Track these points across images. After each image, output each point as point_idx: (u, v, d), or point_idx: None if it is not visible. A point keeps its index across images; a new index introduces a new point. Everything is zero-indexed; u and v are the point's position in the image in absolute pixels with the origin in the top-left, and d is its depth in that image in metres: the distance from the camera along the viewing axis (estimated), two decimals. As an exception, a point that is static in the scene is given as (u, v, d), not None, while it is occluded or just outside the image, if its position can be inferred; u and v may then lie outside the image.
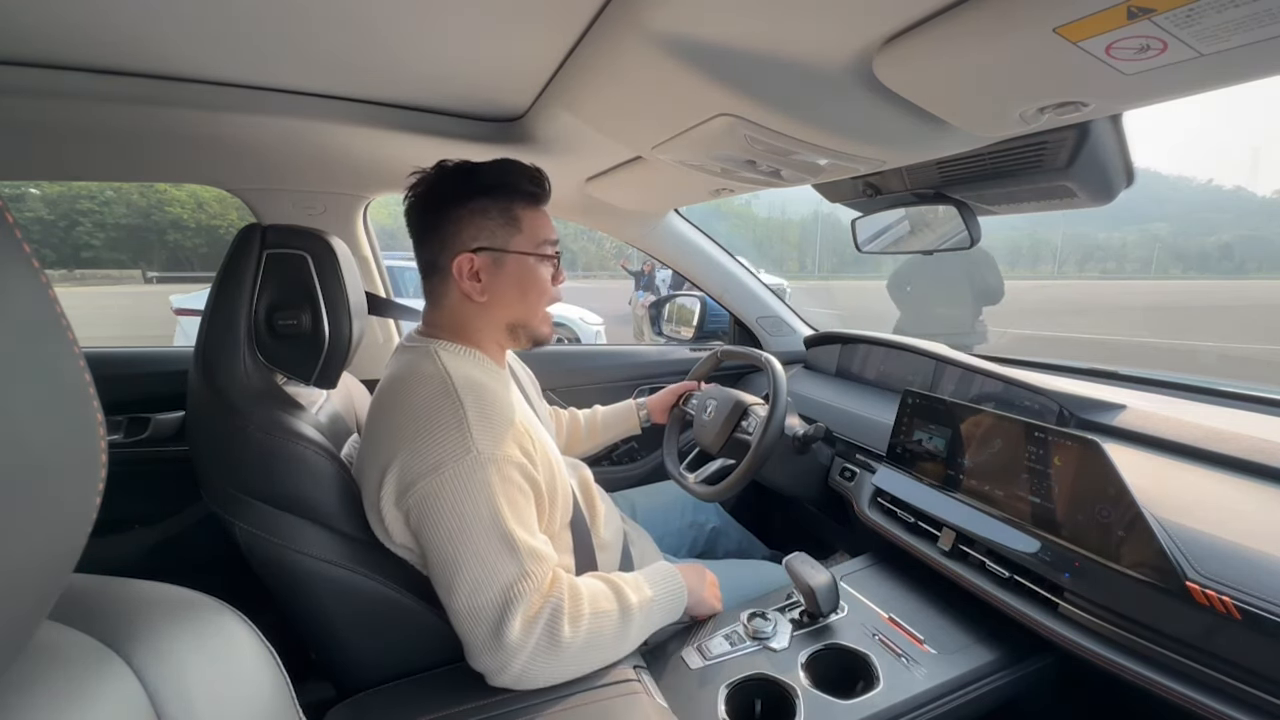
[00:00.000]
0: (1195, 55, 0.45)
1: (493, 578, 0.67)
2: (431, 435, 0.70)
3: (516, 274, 0.82)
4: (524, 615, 0.67)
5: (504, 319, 0.84)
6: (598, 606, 0.73)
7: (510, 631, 0.66)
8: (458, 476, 0.68)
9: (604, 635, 0.72)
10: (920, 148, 0.78)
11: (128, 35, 0.74)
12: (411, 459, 0.69)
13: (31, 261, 0.25)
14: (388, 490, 0.71)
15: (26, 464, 0.24)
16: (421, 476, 0.68)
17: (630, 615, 0.75)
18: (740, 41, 0.58)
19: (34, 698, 0.29)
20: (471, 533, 0.67)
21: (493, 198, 0.80)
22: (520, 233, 0.81)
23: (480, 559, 0.67)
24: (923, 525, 0.96)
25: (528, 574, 0.68)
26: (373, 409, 0.80)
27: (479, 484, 0.68)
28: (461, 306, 0.82)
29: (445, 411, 0.71)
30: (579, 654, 0.70)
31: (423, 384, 0.74)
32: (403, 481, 0.70)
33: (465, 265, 0.79)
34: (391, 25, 0.71)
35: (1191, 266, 60.87)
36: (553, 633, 0.68)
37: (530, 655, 0.67)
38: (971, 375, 1.19)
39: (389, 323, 1.54)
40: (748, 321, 1.78)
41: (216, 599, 0.42)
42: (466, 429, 0.70)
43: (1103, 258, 62.92)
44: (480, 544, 0.67)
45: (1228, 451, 0.77)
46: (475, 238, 0.79)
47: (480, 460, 0.69)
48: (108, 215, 15.03)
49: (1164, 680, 0.62)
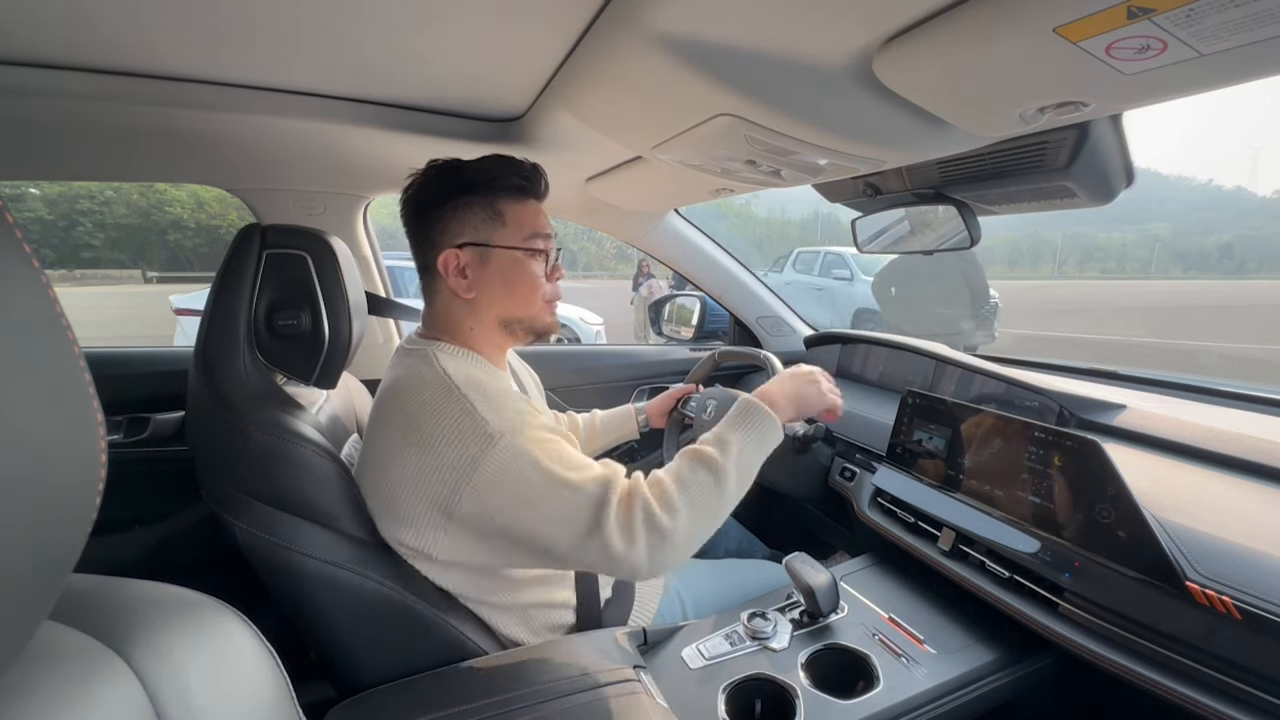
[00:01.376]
0: (1195, 55, 0.45)
1: (575, 522, 0.69)
2: (448, 438, 0.70)
3: (502, 269, 0.80)
4: (620, 532, 0.69)
5: (494, 315, 0.83)
6: (685, 484, 0.74)
7: (617, 550, 0.68)
8: (495, 464, 0.68)
9: (703, 498, 0.74)
10: (920, 148, 0.78)
11: (127, 35, 0.74)
12: (439, 471, 0.69)
13: (32, 261, 0.25)
14: (417, 504, 0.71)
15: (26, 464, 0.24)
16: (462, 482, 0.69)
17: (721, 469, 0.76)
18: (740, 41, 0.58)
19: (34, 698, 0.29)
20: (535, 501, 0.69)
21: (476, 193, 0.79)
22: (505, 226, 0.80)
23: (557, 515, 0.69)
24: (923, 525, 0.96)
25: (601, 500, 0.70)
26: (376, 415, 0.79)
27: (516, 459, 0.69)
28: (451, 305, 0.82)
29: (452, 410, 0.71)
30: (691, 527, 0.72)
31: (424, 389, 0.74)
32: (440, 493, 0.69)
33: (450, 261, 0.79)
34: (391, 25, 0.71)
35: (1192, 266, 60.86)
36: (655, 529, 0.70)
37: (648, 554, 0.69)
38: (971, 375, 1.19)
39: (389, 323, 1.54)
40: (747, 321, 1.78)
41: (216, 599, 0.42)
42: (479, 419, 0.70)
43: (1103, 257, 62.90)
44: (548, 505, 0.69)
45: (1228, 451, 0.77)
46: (460, 234, 0.79)
47: (507, 440, 0.69)
48: (108, 215, 15.01)
49: (1164, 680, 0.62)
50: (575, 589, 0.87)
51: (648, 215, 1.57)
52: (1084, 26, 0.44)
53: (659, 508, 0.71)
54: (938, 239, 1.16)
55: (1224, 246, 68.22)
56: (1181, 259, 65.23)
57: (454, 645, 0.76)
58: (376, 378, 0.87)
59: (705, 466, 0.76)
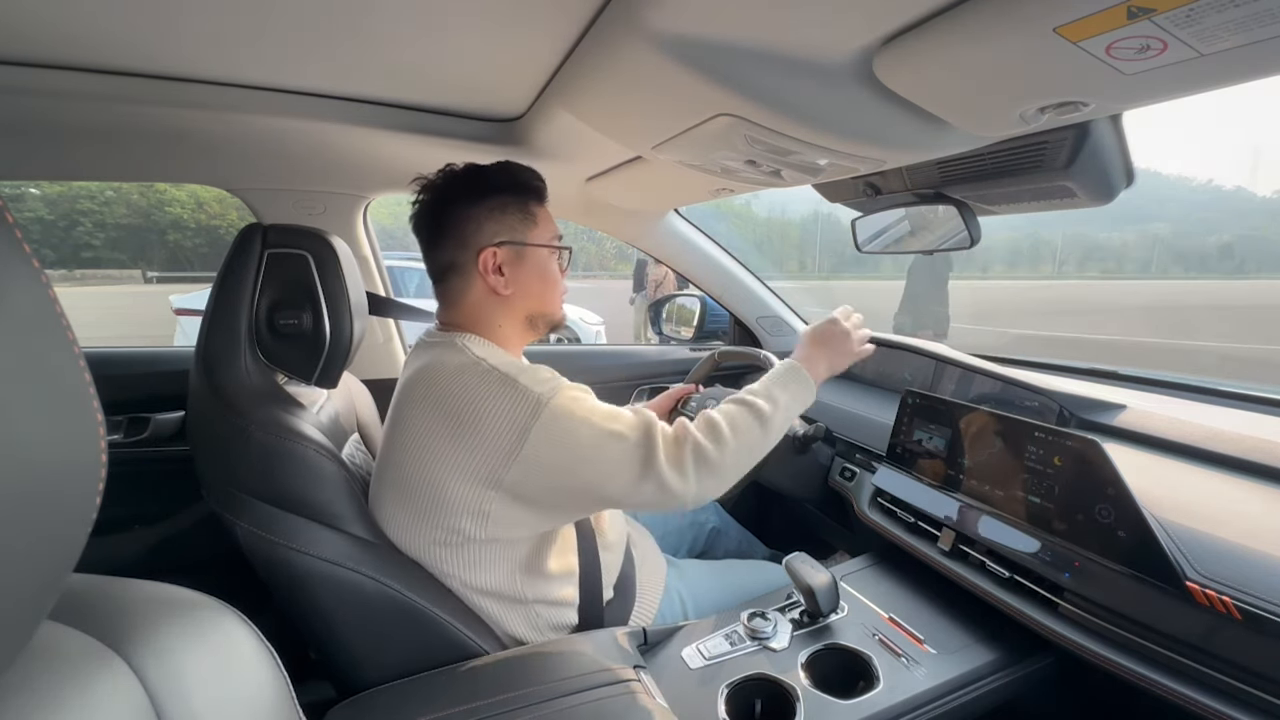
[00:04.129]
0: (1195, 55, 0.45)
1: (630, 464, 0.73)
2: (496, 414, 0.72)
3: (536, 265, 0.85)
4: (672, 468, 0.74)
5: (524, 310, 0.86)
6: (735, 423, 0.80)
7: (671, 483, 0.74)
8: (546, 429, 0.71)
9: (750, 441, 0.81)
10: (920, 148, 0.78)
11: (128, 35, 0.74)
12: (491, 451, 0.71)
13: (32, 261, 0.25)
14: (471, 490, 0.73)
15: (26, 464, 0.24)
16: (513, 453, 0.71)
17: (764, 413, 0.82)
18: (740, 41, 0.58)
19: (34, 698, 0.29)
20: (590, 456, 0.73)
21: (510, 195, 0.83)
22: (536, 226, 0.84)
23: (612, 463, 0.73)
24: (923, 525, 0.96)
25: (649, 443, 0.74)
26: (402, 409, 0.79)
27: (565, 419, 0.72)
28: (485, 301, 0.83)
29: (494, 387, 0.73)
30: (736, 460, 0.79)
31: (461, 374, 0.75)
32: (492, 470, 0.72)
33: (490, 259, 0.81)
34: (391, 25, 0.71)
35: (1192, 266, 60.84)
36: (703, 460, 0.76)
37: (698, 484, 0.76)
38: (971, 375, 1.19)
39: (389, 323, 1.54)
40: (747, 321, 1.78)
41: (216, 599, 0.42)
42: (522, 387, 0.73)
43: (1102, 257, 62.84)
44: (602, 456, 0.73)
45: (1228, 451, 0.77)
46: (497, 233, 0.82)
47: (552, 404, 0.72)
48: (108, 215, 14.97)
49: (1164, 680, 0.62)
50: (579, 587, 0.87)
51: (648, 215, 1.57)
52: (1084, 26, 0.44)
53: (707, 440, 0.77)
54: (938, 239, 1.16)
55: (1224, 246, 68.18)
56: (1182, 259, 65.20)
57: (455, 645, 0.76)
58: (377, 377, 0.88)
59: (753, 413, 0.82)
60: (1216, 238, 73.13)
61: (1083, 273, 57.35)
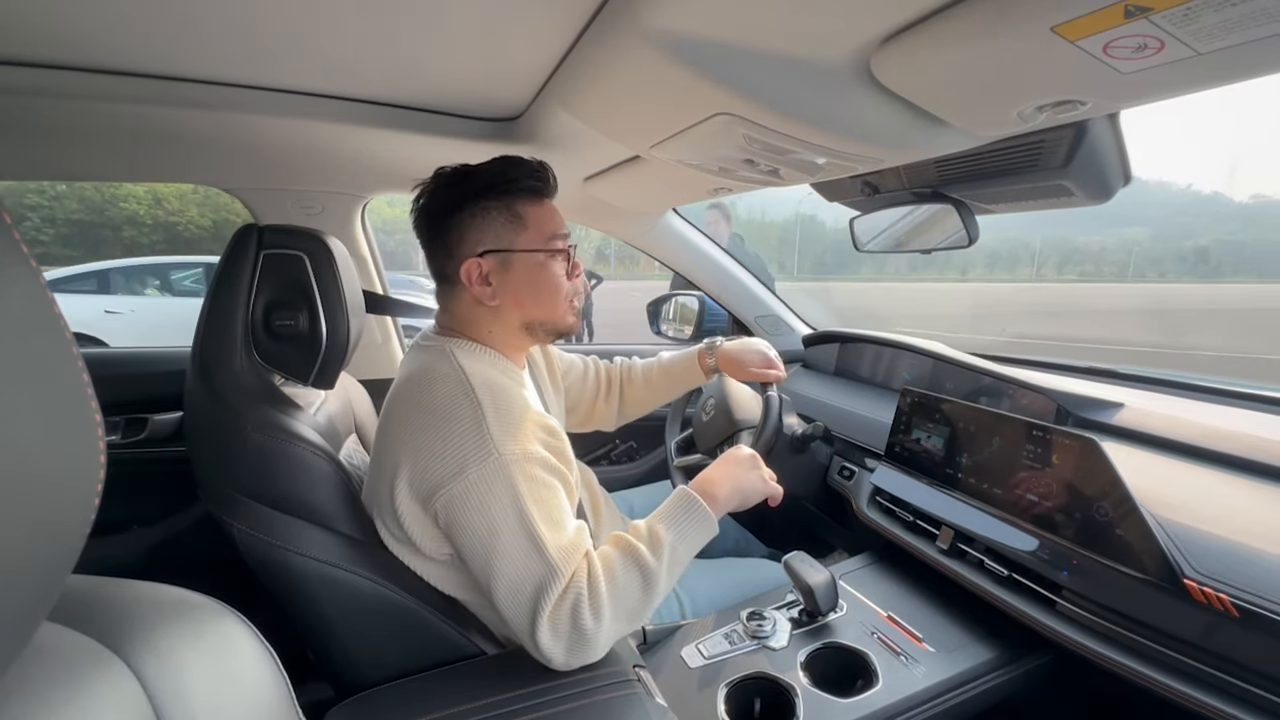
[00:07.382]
0: (1192, 54, 0.45)
1: (524, 580, 0.67)
2: (450, 437, 0.69)
3: (527, 273, 0.80)
4: (550, 621, 0.66)
5: (518, 320, 0.82)
6: (616, 585, 0.70)
7: (541, 637, 0.66)
8: (482, 480, 0.67)
9: (630, 603, 0.70)
10: (918, 146, 0.78)
11: (127, 35, 0.74)
12: (432, 460, 0.69)
13: (29, 261, 0.25)
14: (404, 491, 0.70)
15: (25, 464, 0.24)
16: (445, 482, 0.67)
17: (652, 574, 0.71)
18: (738, 40, 0.58)
19: (33, 698, 0.29)
20: (500, 536, 0.67)
21: (494, 197, 0.78)
22: (526, 230, 0.79)
23: (511, 561, 0.67)
24: (921, 524, 0.96)
25: (556, 574, 0.67)
26: (388, 409, 0.79)
27: (503, 487, 0.67)
28: (474, 311, 0.81)
29: (463, 411, 0.70)
30: (614, 628, 0.69)
31: (439, 383, 0.73)
32: (426, 485, 0.69)
33: (473, 271, 0.77)
34: (389, 24, 0.71)
35: (1168, 270, 60.99)
36: (578, 628, 0.67)
37: (566, 649, 0.68)
38: (970, 374, 1.19)
39: (387, 322, 1.54)
40: (746, 320, 1.78)
41: (215, 600, 0.42)
42: (485, 430, 0.69)
43: (1080, 260, 62.91)
44: (509, 547, 0.67)
45: (1226, 450, 0.78)
46: (480, 241, 0.78)
47: (502, 462, 0.68)
48: (58, 210, 14.46)
49: (1162, 678, 0.62)
50: None
51: (646, 215, 1.57)
52: (1082, 25, 0.44)
53: (588, 610, 0.67)
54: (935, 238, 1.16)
55: (1200, 251, 68.26)
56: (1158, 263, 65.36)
57: (454, 645, 0.76)
58: (375, 378, 0.87)
59: (638, 567, 0.71)
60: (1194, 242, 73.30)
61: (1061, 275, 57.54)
